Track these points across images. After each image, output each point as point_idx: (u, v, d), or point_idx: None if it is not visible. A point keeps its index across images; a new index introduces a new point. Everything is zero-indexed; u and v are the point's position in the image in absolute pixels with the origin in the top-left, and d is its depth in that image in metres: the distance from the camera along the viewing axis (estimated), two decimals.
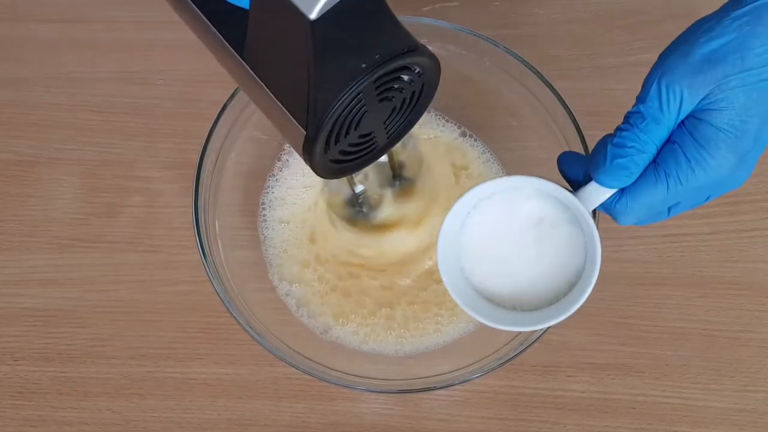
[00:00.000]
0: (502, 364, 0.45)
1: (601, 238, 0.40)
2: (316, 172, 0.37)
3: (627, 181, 0.36)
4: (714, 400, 0.52)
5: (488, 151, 0.56)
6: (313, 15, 0.30)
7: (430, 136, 0.57)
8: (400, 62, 0.34)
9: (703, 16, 0.35)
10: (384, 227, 0.52)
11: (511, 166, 0.55)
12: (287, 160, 0.56)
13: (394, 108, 0.37)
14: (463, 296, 0.41)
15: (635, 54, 0.61)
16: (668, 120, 0.34)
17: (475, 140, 0.56)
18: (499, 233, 0.42)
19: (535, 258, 0.42)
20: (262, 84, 0.35)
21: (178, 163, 0.58)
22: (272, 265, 0.54)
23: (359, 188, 0.51)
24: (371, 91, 0.34)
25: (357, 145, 0.37)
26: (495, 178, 0.46)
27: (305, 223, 0.54)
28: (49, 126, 0.60)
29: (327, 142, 0.35)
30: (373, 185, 0.52)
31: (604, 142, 0.37)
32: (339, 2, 0.30)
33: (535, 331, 0.45)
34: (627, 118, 0.36)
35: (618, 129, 0.36)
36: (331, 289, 0.53)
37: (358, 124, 0.35)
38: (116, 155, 0.59)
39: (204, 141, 0.48)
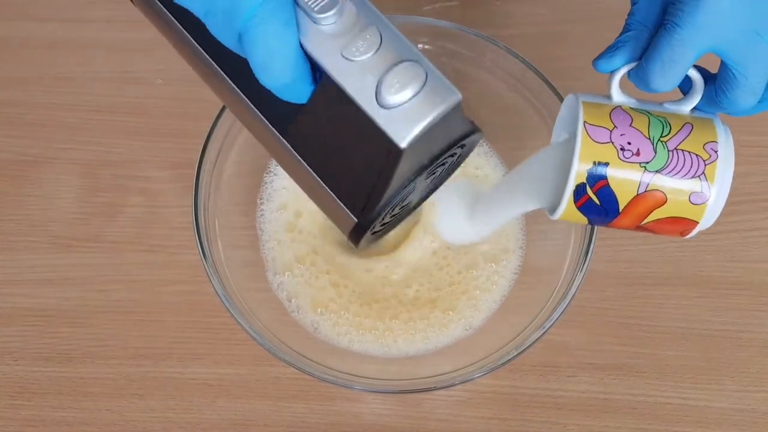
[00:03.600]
0: (502, 364, 0.45)
1: (602, 238, 0.40)
2: (356, 247, 0.37)
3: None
4: (715, 400, 0.52)
5: (485, 143, 0.56)
6: (404, 145, 0.30)
7: None
8: (455, 148, 0.35)
9: None
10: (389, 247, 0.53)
11: (511, 166, 0.55)
12: None
13: (435, 176, 0.38)
14: None
15: None
16: None
17: None
18: None
19: None
20: (308, 167, 0.34)
21: (178, 162, 0.58)
22: (267, 259, 0.54)
23: None
24: (425, 175, 0.35)
25: (395, 215, 0.37)
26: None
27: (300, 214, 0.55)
28: (49, 126, 0.60)
29: (374, 225, 0.35)
30: None
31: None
32: (428, 128, 0.30)
33: (536, 331, 0.45)
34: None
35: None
36: (323, 273, 0.53)
37: (403, 201, 0.36)
38: (116, 155, 0.59)
39: (204, 141, 0.48)
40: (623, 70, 0.37)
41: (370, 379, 0.47)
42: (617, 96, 0.38)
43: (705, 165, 0.36)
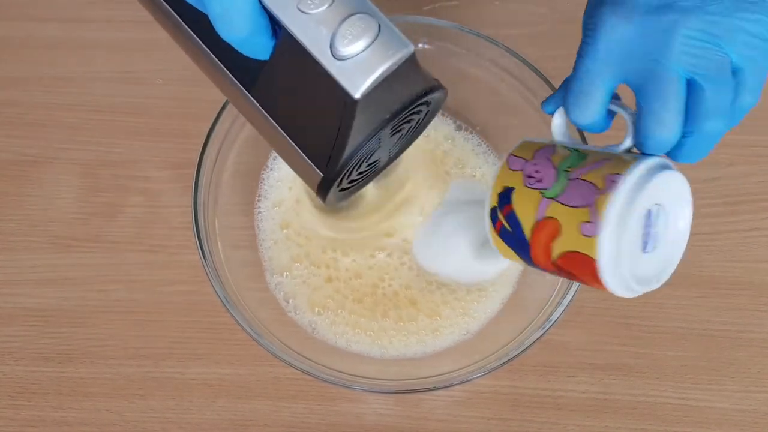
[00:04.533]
0: (502, 364, 0.45)
1: None
2: (325, 204, 0.37)
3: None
4: (715, 400, 0.52)
5: (483, 143, 0.56)
6: (357, 95, 0.30)
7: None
8: (418, 103, 0.35)
9: None
10: (364, 213, 0.53)
11: None
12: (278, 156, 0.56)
13: (401, 135, 0.38)
14: None
15: None
16: None
17: (470, 133, 0.56)
18: None
19: None
20: (275, 123, 0.35)
21: (178, 162, 0.58)
22: (265, 259, 0.54)
23: None
24: (388, 130, 0.35)
25: (362, 172, 0.37)
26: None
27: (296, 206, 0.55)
28: (49, 126, 0.60)
29: (341, 180, 0.35)
30: None
31: None
32: (380, 79, 0.31)
33: (536, 331, 0.45)
34: None
35: None
36: (319, 267, 0.53)
37: (369, 158, 0.36)
38: (116, 155, 0.59)
39: (204, 140, 0.48)
40: (561, 111, 0.38)
41: (370, 379, 0.47)
42: (558, 136, 0.39)
43: (596, 194, 0.34)
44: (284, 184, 0.55)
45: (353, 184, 0.38)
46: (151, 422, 0.52)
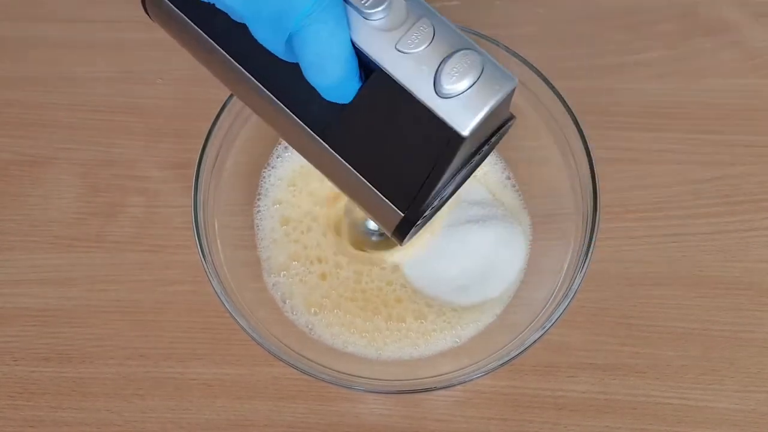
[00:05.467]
0: (502, 365, 0.45)
1: (602, 238, 0.40)
2: (400, 243, 0.37)
3: None
4: (715, 400, 0.52)
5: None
6: (466, 133, 0.30)
7: None
8: (498, 134, 0.35)
9: (702, 15, 0.35)
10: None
11: (511, 166, 0.55)
12: (282, 153, 0.56)
13: (471, 166, 0.37)
14: None
15: (635, 53, 0.61)
16: None
17: None
18: None
19: None
20: (348, 165, 0.34)
21: (178, 162, 0.58)
22: (263, 258, 0.53)
23: (372, 225, 0.53)
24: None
25: (434, 207, 0.37)
26: None
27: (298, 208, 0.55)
28: (49, 126, 0.60)
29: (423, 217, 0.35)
30: None
31: None
32: (488, 115, 0.30)
33: (536, 331, 0.45)
34: None
35: None
36: (315, 263, 0.53)
37: (444, 193, 0.36)
38: (116, 155, 0.59)
39: (203, 140, 0.48)
40: None
41: (369, 379, 0.47)
42: None
43: None
44: (285, 182, 0.55)
45: (424, 220, 0.37)
46: (151, 422, 0.52)
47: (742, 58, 0.61)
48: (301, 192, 0.55)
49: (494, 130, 0.35)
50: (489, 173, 0.55)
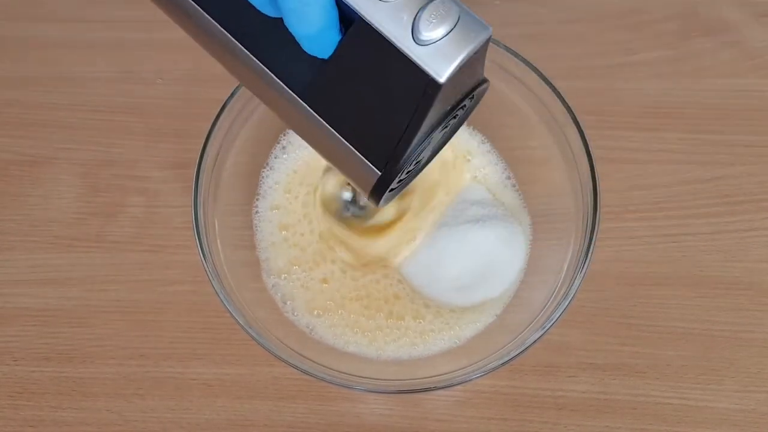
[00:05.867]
0: (502, 364, 0.45)
1: (602, 238, 0.40)
2: (377, 205, 0.37)
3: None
4: (715, 400, 0.52)
5: (487, 142, 0.56)
6: (442, 80, 0.30)
7: None
8: (467, 98, 0.35)
9: (702, 15, 0.35)
10: (378, 229, 0.52)
11: (511, 166, 0.55)
12: (279, 154, 0.56)
13: (446, 130, 0.38)
14: None
15: (636, 53, 0.61)
16: None
17: (473, 129, 0.56)
18: None
19: None
20: (326, 123, 0.34)
21: (178, 162, 0.58)
22: (262, 259, 0.53)
23: (346, 195, 0.52)
24: (443, 124, 0.35)
25: (409, 171, 0.37)
26: None
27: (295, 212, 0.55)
28: (49, 126, 0.60)
29: (396, 178, 0.35)
30: None
31: None
32: (464, 62, 0.31)
33: (536, 331, 0.45)
34: None
35: None
36: (315, 278, 0.53)
37: (420, 155, 0.36)
38: (116, 155, 0.59)
39: (204, 140, 0.48)
40: None
41: (369, 379, 0.47)
42: None
43: None
44: (281, 186, 0.55)
45: (400, 184, 0.38)
46: (151, 422, 0.52)
47: (742, 58, 0.61)
48: (296, 198, 0.55)
49: (469, 90, 0.35)
50: (489, 173, 0.55)
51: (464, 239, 0.52)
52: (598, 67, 0.61)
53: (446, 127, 0.36)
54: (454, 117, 0.36)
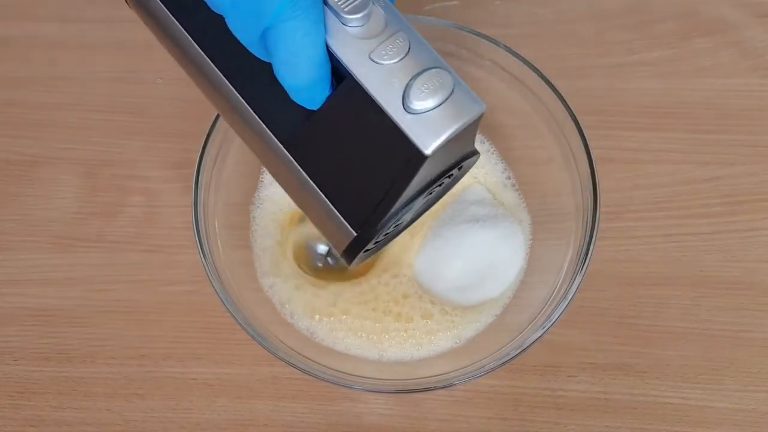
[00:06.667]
0: (502, 364, 0.45)
1: (602, 238, 0.40)
2: (348, 265, 0.36)
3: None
4: (715, 400, 0.52)
5: (487, 142, 0.56)
6: (428, 152, 0.30)
7: None
8: (456, 168, 0.35)
9: (702, 15, 0.35)
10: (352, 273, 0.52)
11: (511, 166, 0.55)
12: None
13: (430, 197, 0.37)
14: None
15: (636, 53, 0.61)
16: None
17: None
18: None
19: None
20: (306, 176, 0.33)
21: (178, 162, 0.58)
22: (257, 258, 0.53)
23: (322, 249, 0.52)
24: (427, 191, 0.35)
25: (388, 233, 0.37)
26: None
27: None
28: (49, 126, 0.60)
29: (376, 238, 0.34)
30: None
31: None
32: (452, 137, 0.30)
33: (536, 331, 0.45)
34: None
35: None
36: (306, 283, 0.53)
37: (400, 218, 0.35)
38: (116, 155, 0.59)
39: (204, 140, 0.48)
40: None
41: (369, 379, 0.47)
42: None
43: None
44: (279, 187, 0.55)
45: (377, 245, 0.37)
46: (151, 422, 0.52)
47: (742, 58, 0.61)
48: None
49: (457, 161, 0.34)
50: (489, 173, 0.55)
51: (464, 239, 0.52)
52: (598, 67, 0.61)
53: (430, 193, 0.36)
54: (440, 185, 0.36)
